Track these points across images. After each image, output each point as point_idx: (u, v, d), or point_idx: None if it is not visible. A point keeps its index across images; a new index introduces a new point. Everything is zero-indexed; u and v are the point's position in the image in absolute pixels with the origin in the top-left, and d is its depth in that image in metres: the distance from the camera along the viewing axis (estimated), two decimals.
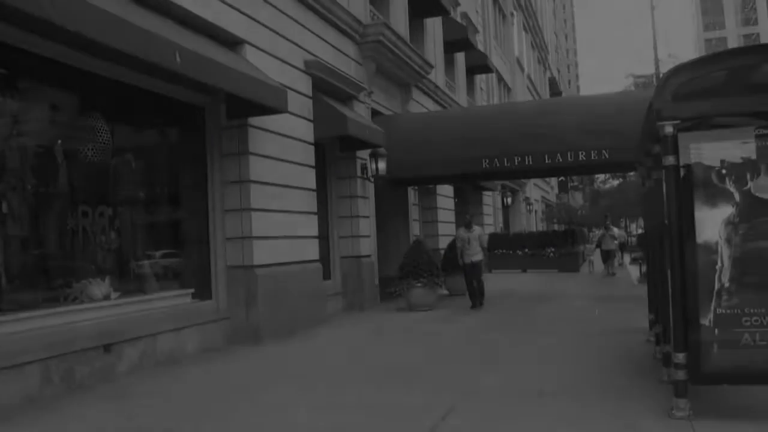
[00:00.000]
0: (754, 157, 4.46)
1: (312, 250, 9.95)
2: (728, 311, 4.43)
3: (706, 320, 4.45)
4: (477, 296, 11.75)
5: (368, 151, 12.01)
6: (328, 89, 11.03)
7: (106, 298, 6.94)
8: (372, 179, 12.37)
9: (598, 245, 22.55)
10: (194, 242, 8.52)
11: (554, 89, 48.16)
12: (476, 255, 11.84)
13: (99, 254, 7.33)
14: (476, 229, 12.11)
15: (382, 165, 11.95)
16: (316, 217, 10.22)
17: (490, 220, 24.95)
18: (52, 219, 6.82)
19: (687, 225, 4.54)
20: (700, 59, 4.79)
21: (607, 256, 20.73)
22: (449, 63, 20.48)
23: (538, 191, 37.25)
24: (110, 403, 5.38)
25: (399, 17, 15.16)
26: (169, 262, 8.41)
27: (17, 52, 5.91)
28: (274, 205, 8.89)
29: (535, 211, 35.91)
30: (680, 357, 4.51)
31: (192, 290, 8.21)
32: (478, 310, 11.41)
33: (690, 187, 4.54)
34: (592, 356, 6.93)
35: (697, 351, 4.46)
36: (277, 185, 9.00)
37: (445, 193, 18.36)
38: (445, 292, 13.59)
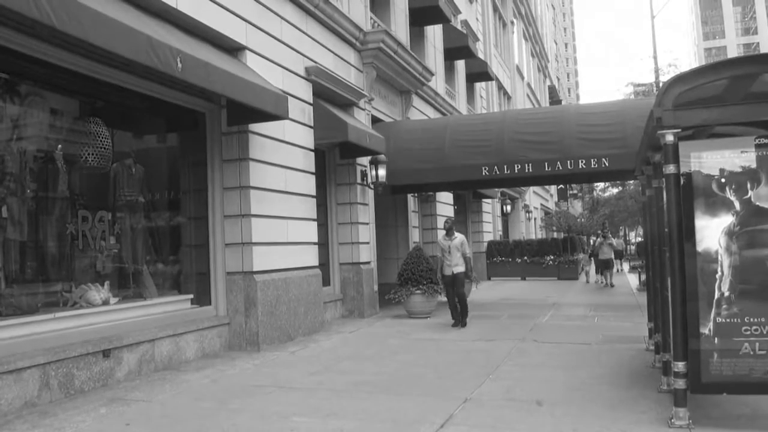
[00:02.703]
0: (754, 166, 4.47)
1: (311, 257, 9.95)
2: (728, 320, 4.43)
3: (706, 329, 4.45)
4: (458, 313, 10.46)
5: (368, 157, 12.04)
6: (328, 96, 11.05)
7: (105, 303, 6.93)
8: (372, 186, 12.38)
9: (593, 254, 22.19)
10: (194, 248, 8.52)
11: (554, 97, 48.27)
12: (457, 266, 10.64)
13: (98, 259, 7.34)
14: (457, 237, 10.79)
15: (382, 172, 11.98)
16: (315, 223, 10.21)
17: (490, 227, 24.97)
18: (51, 224, 6.83)
19: (687, 233, 4.54)
20: (701, 68, 4.80)
21: (605, 266, 20.23)
22: (449, 70, 20.53)
23: (537, 199, 37.27)
24: (109, 409, 5.37)
25: (399, 24, 15.21)
26: (169, 268, 8.40)
27: (18, 56, 5.91)
28: (274, 211, 8.89)
29: (535, 219, 35.92)
30: (680, 366, 4.50)
31: (191, 296, 8.21)
32: (459, 329, 10.12)
33: (690, 195, 4.54)
34: (590, 365, 6.92)
35: (696, 360, 4.45)
36: (277, 191, 9.00)
37: (445, 201, 18.37)
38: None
